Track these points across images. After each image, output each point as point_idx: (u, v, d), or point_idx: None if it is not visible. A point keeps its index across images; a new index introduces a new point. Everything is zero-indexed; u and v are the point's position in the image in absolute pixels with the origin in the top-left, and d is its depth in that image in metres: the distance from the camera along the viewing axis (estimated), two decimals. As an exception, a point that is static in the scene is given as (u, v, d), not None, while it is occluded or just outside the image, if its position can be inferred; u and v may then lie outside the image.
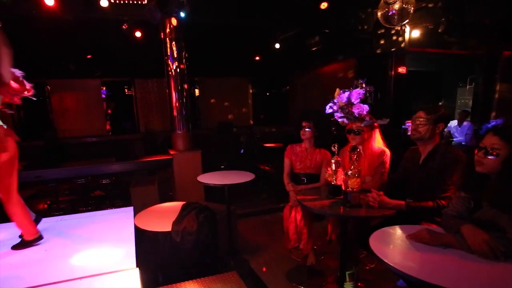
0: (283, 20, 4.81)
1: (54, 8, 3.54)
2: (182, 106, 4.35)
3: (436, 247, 1.46)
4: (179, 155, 4.28)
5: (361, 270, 2.70)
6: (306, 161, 2.79)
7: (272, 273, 2.95)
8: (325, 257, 2.99)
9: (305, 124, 2.70)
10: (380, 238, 1.60)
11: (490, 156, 1.44)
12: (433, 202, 1.88)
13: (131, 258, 2.09)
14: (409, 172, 2.16)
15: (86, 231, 2.54)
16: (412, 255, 1.44)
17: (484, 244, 1.34)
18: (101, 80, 7.19)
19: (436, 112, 1.97)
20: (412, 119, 2.04)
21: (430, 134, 1.98)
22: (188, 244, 2.67)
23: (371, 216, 2.00)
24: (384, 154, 2.41)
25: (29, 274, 1.87)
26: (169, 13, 3.86)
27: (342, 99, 2.26)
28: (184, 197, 4.01)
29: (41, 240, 2.15)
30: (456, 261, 1.36)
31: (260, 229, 4.04)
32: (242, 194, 5.19)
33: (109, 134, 7.47)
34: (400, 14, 3.11)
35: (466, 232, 1.42)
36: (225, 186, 2.95)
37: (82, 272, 1.90)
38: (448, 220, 1.58)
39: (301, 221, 2.50)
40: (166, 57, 4.25)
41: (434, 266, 1.34)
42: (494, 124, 1.49)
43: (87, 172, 4.30)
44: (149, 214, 2.98)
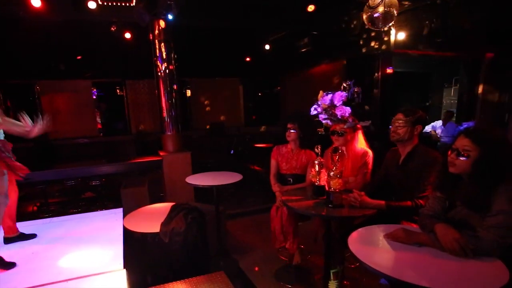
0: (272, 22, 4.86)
1: (41, 10, 3.53)
2: (172, 107, 4.37)
3: (411, 246, 1.52)
4: (169, 157, 4.30)
5: (347, 269, 2.75)
6: (292, 161, 2.84)
7: (261, 272, 3.00)
8: (312, 256, 3.05)
9: (290, 125, 2.75)
10: (359, 238, 1.65)
11: (461, 157, 1.50)
12: (411, 201, 1.95)
13: (118, 260, 2.12)
14: (390, 172, 2.22)
15: (74, 233, 2.56)
16: (389, 254, 1.50)
17: (454, 243, 1.40)
18: (92, 81, 7.15)
19: (414, 114, 2.03)
20: (392, 121, 2.10)
21: (408, 135, 2.04)
22: (176, 244, 2.69)
23: (353, 216, 2.06)
24: (367, 155, 2.47)
25: (16, 277, 1.89)
26: (157, 15, 3.87)
27: (325, 101, 2.31)
28: (174, 198, 4.03)
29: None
30: (429, 259, 1.42)
31: (250, 229, 4.07)
32: (233, 194, 5.23)
33: (100, 135, 7.44)
34: (384, 17, 3.17)
35: (438, 231, 1.48)
36: (213, 187, 2.98)
37: (69, 274, 1.92)
38: (424, 220, 1.64)
39: (287, 221, 2.55)
40: (155, 58, 4.26)
41: (408, 264, 1.40)
42: (466, 126, 1.55)
43: (77, 174, 4.29)
44: (138, 216, 2.99)
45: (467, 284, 1.25)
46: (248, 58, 7.58)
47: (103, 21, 4.37)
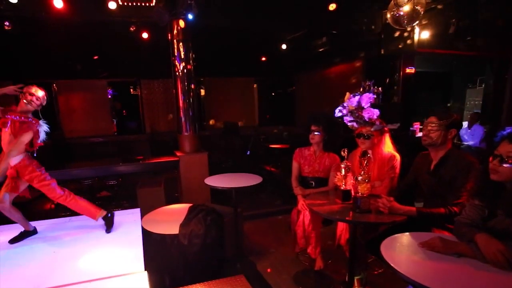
0: (291, 21, 4.79)
1: (62, 10, 3.56)
2: (189, 107, 4.35)
3: (449, 256, 1.44)
4: (186, 157, 4.28)
5: (370, 275, 2.67)
6: (315, 164, 2.77)
7: (279, 276, 2.94)
8: (333, 261, 2.97)
9: (314, 128, 2.68)
10: (392, 245, 1.58)
11: (505, 164, 1.41)
12: (445, 208, 1.86)
13: (139, 261, 2.11)
14: (420, 178, 2.13)
15: (94, 233, 2.56)
16: (424, 264, 1.42)
17: (499, 254, 1.31)
18: (108, 80, 7.23)
19: (448, 117, 1.94)
20: (424, 124, 2.01)
21: (442, 140, 1.95)
22: (195, 247, 2.66)
23: (381, 222, 1.98)
24: (394, 159, 2.38)
25: (38, 277, 1.89)
26: (177, 15, 3.86)
27: (352, 103, 2.23)
28: (190, 199, 4.01)
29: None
30: (470, 271, 1.34)
31: (267, 231, 4.03)
32: (248, 195, 5.18)
33: (115, 134, 7.51)
34: (410, 16, 3.07)
35: (480, 241, 1.40)
36: (232, 189, 2.94)
37: (91, 274, 1.91)
38: (461, 228, 1.56)
39: (309, 226, 2.48)
40: (173, 58, 4.25)
41: (447, 275, 1.32)
42: (510, 131, 1.46)
43: (94, 173, 4.32)
44: (156, 216, 2.99)
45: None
46: (264, 58, 7.52)
47: (122, 21, 4.38)
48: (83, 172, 4.24)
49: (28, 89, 2.20)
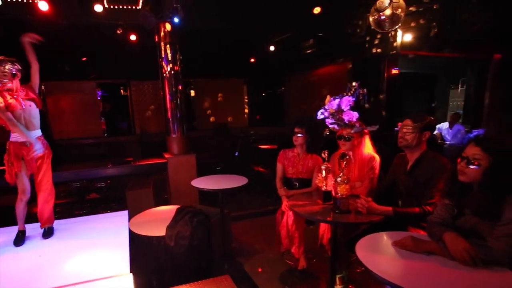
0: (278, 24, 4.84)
1: (48, 13, 3.55)
2: (177, 108, 4.37)
3: (419, 254, 1.51)
4: (174, 159, 4.31)
5: (352, 273, 2.74)
6: (298, 166, 2.83)
7: (266, 276, 2.99)
8: (317, 261, 3.04)
9: (297, 130, 2.75)
10: (366, 245, 1.64)
11: (471, 166, 1.48)
12: (419, 208, 1.93)
13: (125, 263, 2.13)
14: (397, 178, 2.20)
15: (80, 236, 2.58)
16: (396, 262, 1.49)
17: (464, 252, 1.38)
18: (97, 82, 7.18)
19: (422, 120, 2.01)
20: (400, 127, 2.09)
21: (416, 141, 2.02)
22: (181, 248, 2.70)
23: (360, 222, 2.05)
24: (374, 160, 2.46)
25: (24, 280, 1.90)
26: (163, 18, 3.88)
27: (333, 106, 2.30)
28: (179, 200, 4.04)
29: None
30: (438, 268, 1.40)
31: (255, 231, 4.07)
32: (237, 196, 5.22)
33: (104, 135, 7.47)
34: (391, 19, 3.15)
35: (447, 240, 1.47)
36: (219, 191, 2.98)
37: (77, 277, 1.93)
38: (432, 227, 1.63)
39: (292, 226, 2.55)
40: (160, 60, 4.27)
41: (415, 273, 1.39)
42: (476, 134, 1.54)
43: (83, 176, 4.32)
44: (143, 218, 3.01)
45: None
46: (253, 59, 7.56)
47: (109, 24, 4.38)
48: (71, 174, 4.24)
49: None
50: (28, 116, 2.29)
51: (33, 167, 2.34)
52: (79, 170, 4.19)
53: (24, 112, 2.26)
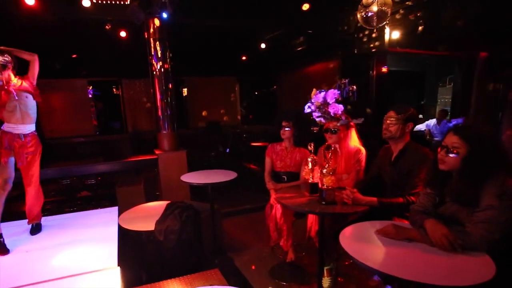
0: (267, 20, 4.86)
1: (34, 8, 3.51)
2: (167, 106, 4.36)
3: (401, 241, 1.54)
4: (164, 155, 4.30)
5: (341, 265, 2.78)
6: (286, 159, 2.85)
7: (256, 270, 3.01)
8: (306, 254, 3.06)
9: (284, 123, 2.77)
10: (350, 234, 1.67)
11: (451, 154, 1.52)
12: (403, 198, 1.97)
13: (113, 257, 2.13)
14: (382, 169, 2.24)
15: (69, 232, 2.57)
16: (379, 250, 1.52)
17: (443, 238, 1.42)
18: (88, 79, 7.12)
19: (405, 112, 2.05)
20: (384, 119, 2.12)
21: (400, 133, 2.06)
22: (171, 243, 2.70)
23: (345, 212, 2.08)
24: (360, 152, 2.49)
25: (9, 276, 1.89)
26: (152, 14, 3.87)
27: (318, 99, 2.32)
28: (170, 196, 4.03)
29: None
30: (419, 254, 1.43)
31: (246, 227, 4.09)
32: (229, 193, 5.23)
33: (96, 134, 7.42)
34: (378, 16, 3.19)
35: (428, 227, 1.50)
36: (208, 185, 2.99)
37: (63, 272, 1.92)
38: (414, 216, 1.66)
39: (280, 219, 2.57)
40: (150, 57, 4.26)
41: (398, 260, 1.42)
42: (455, 123, 1.57)
43: (73, 173, 4.29)
44: (133, 214, 2.99)
45: (455, 278, 1.27)
46: (244, 57, 7.58)
47: (98, 19, 4.35)
48: (61, 171, 4.19)
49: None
50: (24, 108, 2.26)
51: (23, 161, 2.32)
52: (69, 167, 4.16)
53: (20, 103, 2.24)
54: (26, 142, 2.29)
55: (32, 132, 2.36)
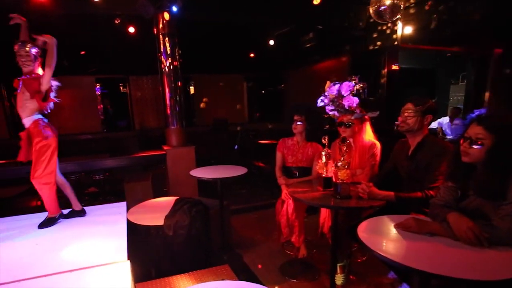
0: (277, 16, 4.81)
1: (44, 2, 3.51)
2: (176, 103, 4.34)
3: (423, 235, 1.48)
4: (173, 151, 4.27)
5: (353, 263, 2.72)
6: (298, 154, 2.80)
7: (265, 267, 2.96)
8: (318, 250, 3.01)
9: (296, 117, 2.72)
10: (368, 228, 1.61)
11: (475, 145, 1.46)
12: (421, 192, 1.91)
13: (122, 251, 2.09)
14: (399, 164, 2.18)
15: (78, 226, 2.54)
16: (400, 243, 1.46)
17: (468, 231, 1.36)
18: (96, 77, 7.14)
19: (424, 103, 1.99)
20: (401, 111, 2.06)
21: (418, 125, 2.00)
22: (180, 238, 2.67)
23: (361, 207, 2.02)
24: (375, 146, 2.43)
25: (18, 268, 1.86)
26: (161, 8, 3.84)
27: (333, 92, 2.27)
28: (178, 192, 4.01)
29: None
30: (442, 248, 1.38)
31: (254, 224, 4.05)
32: (237, 190, 5.20)
33: (104, 131, 7.44)
34: (391, 9, 3.13)
35: (451, 220, 1.44)
36: (218, 179, 2.95)
37: (73, 265, 1.89)
38: (435, 209, 1.60)
39: (292, 214, 2.51)
40: (159, 54, 4.23)
41: (421, 253, 1.36)
42: (478, 113, 1.51)
43: (80, 168, 4.27)
44: (142, 209, 2.98)
45: (482, 272, 1.21)
46: (253, 54, 7.54)
47: (107, 15, 4.34)
48: (69, 166, 4.18)
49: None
50: (20, 102, 2.22)
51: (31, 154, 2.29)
52: (77, 162, 4.14)
53: (19, 96, 2.20)
54: (34, 134, 2.24)
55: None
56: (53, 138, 2.22)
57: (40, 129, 2.16)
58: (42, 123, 2.17)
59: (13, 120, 6.75)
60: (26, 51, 2.11)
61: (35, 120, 2.16)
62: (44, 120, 2.20)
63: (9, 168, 4.58)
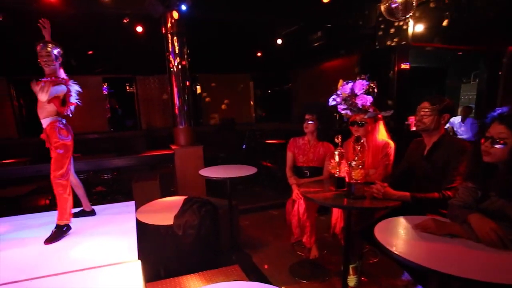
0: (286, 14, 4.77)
1: (54, 2, 3.52)
2: (184, 103, 4.32)
3: (442, 237, 1.44)
4: (181, 150, 4.26)
5: (365, 265, 2.68)
6: (309, 154, 2.76)
7: (275, 267, 2.94)
8: (328, 252, 2.97)
9: (308, 116, 2.68)
10: (385, 228, 1.57)
11: (497, 145, 1.41)
12: (438, 193, 1.86)
13: (132, 251, 2.07)
14: (414, 164, 2.13)
15: (87, 225, 2.53)
16: (419, 245, 1.42)
17: (492, 233, 1.31)
18: (103, 76, 7.17)
19: (441, 102, 1.94)
20: (417, 110, 2.02)
21: (435, 125, 1.95)
22: (189, 237, 2.65)
23: (375, 207, 1.98)
24: (388, 146, 2.38)
25: (29, 266, 1.85)
26: (170, 7, 3.83)
27: (346, 90, 2.23)
28: (185, 192, 4.00)
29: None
30: (464, 250, 1.33)
31: (263, 224, 4.02)
32: (244, 190, 5.18)
33: (111, 131, 7.47)
34: (404, 7, 3.08)
35: (473, 221, 1.40)
36: (227, 179, 2.92)
37: (84, 264, 1.88)
38: (454, 210, 1.56)
39: (304, 214, 2.48)
40: (167, 53, 4.22)
41: (441, 255, 1.32)
42: (500, 112, 1.46)
43: (89, 167, 4.28)
44: (150, 208, 2.97)
45: (507, 276, 1.17)
46: (259, 54, 7.50)
47: (115, 14, 4.33)
48: (77, 165, 4.19)
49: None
50: (39, 103, 2.21)
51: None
52: (85, 161, 4.15)
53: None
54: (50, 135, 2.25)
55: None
56: (68, 139, 2.23)
57: (56, 130, 2.17)
58: (59, 124, 2.18)
59: (22, 120, 6.80)
60: (48, 51, 2.10)
61: (51, 122, 2.17)
62: (62, 121, 2.20)
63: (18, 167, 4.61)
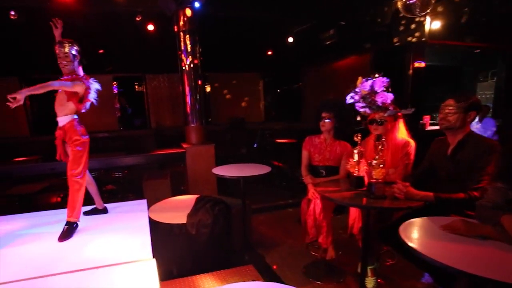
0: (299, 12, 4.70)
1: (68, 1, 3.53)
2: (196, 102, 4.30)
3: (472, 239, 1.38)
4: (192, 149, 4.23)
5: (381, 266, 2.61)
6: (325, 153, 2.70)
7: (289, 268, 2.89)
8: (343, 253, 2.91)
9: (325, 115, 2.62)
10: (411, 229, 1.51)
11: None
12: (464, 193, 1.78)
13: (147, 249, 2.05)
14: (437, 163, 2.06)
15: (99, 223, 2.51)
16: (449, 246, 1.36)
17: (528, 235, 1.25)
18: (113, 75, 7.20)
19: (466, 99, 1.86)
20: (441, 108, 1.94)
21: (460, 123, 1.87)
22: (203, 236, 2.62)
23: (397, 207, 1.92)
24: (409, 145, 2.31)
25: (44, 264, 1.84)
26: (183, 4, 3.81)
27: (365, 88, 2.17)
28: (197, 190, 3.98)
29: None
30: (498, 253, 1.27)
31: (275, 224, 3.97)
32: (255, 189, 5.13)
33: (120, 129, 7.50)
34: (422, 3, 3.00)
35: (507, 223, 1.33)
36: (241, 178, 2.88)
37: (98, 261, 1.86)
38: (484, 212, 1.49)
39: (320, 214, 2.42)
40: (179, 52, 4.19)
41: (475, 258, 1.25)
42: None
43: (100, 165, 4.29)
44: (163, 207, 2.95)
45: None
46: (270, 52, 7.45)
47: (128, 12, 4.33)
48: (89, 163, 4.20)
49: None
50: (59, 101, 2.20)
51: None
52: (97, 159, 4.15)
53: (59, 96, 2.19)
54: (67, 134, 2.24)
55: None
56: (87, 137, 2.24)
57: (76, 128, 2.18)
58: (76, 123, 2.20)
59: (33, 118, 6.87)
60: (65, 52, 2.07)
61: (71, 120, 2.18)
62: (78, 120, 2.22)
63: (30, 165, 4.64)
